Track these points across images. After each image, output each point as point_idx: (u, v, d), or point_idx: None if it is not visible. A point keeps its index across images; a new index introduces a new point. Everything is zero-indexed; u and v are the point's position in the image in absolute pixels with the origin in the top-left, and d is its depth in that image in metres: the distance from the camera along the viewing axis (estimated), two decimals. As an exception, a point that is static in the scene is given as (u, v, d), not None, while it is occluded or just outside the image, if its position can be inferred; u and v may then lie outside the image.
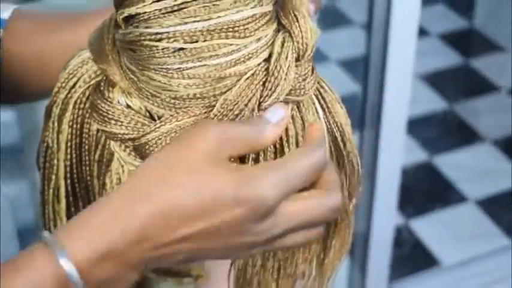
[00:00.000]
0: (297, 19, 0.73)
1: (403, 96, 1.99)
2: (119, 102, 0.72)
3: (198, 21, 0.67)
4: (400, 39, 1.89)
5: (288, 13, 0.73)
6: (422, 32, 3.00)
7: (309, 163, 0.67)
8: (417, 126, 3.12)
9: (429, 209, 2.87)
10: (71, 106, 0.74)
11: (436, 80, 3.46)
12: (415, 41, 1.92)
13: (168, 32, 0.67)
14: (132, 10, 0.68)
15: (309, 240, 0.70)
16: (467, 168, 3.03)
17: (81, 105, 0.74)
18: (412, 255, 2.68)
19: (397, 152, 2.09)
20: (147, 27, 0.68)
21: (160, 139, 0.70)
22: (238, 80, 0.69)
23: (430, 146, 3.13)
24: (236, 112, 0.69)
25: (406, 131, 2.10)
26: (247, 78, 0.69)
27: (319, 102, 0.76)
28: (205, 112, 0.69)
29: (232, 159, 0.68)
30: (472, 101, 3.38)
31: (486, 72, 3.53)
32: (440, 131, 3.24)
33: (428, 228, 2.79)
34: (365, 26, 3.60)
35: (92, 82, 0.74)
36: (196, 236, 0.65)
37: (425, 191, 2.95)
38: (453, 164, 3.05)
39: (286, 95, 0.71)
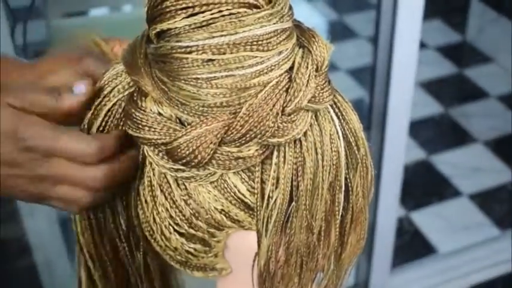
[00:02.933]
0: (313, 36, 0.70)
1: (405, 101, 1.96)
2: (151, 110, 0.68)
3: (225, 35, 0.64)
4: (403, 50, 1.87)
5: (305, 31, 0.71)
6: (421, 45, 2.98)
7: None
8: (416, 128, 3.08)
9: (427, 202, 2.84)
10: (103, 113, 0.73)
11: (433, 87, 3.43)
12: (416, 52, 1.89)
13: (197, 45, 0.64)
14: (164, 26, 0.65)
15: (76, 198, 0.73)
16: (461, 165, 3.01)
17: (114, 114, 0.73)
18: (411, 244, 2.65)
19: (400, 151, 2.06)
20: (177, 41, 0.64)
21: (191, 142, 0.66)
22: (262, 89, 0.66)
23: (427, 145, 3.11)
24: (261, 115, 0.66)
25: (407, 132, 2.07)
26: (272, 85, 0.66)
27: (334, 110, 0.73)
28: (232, 117, 0.66)
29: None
30: (465, 106, 3.35)
31: (477, 80, 3.50)
32: (437, 133, 3.21)
33: (426, 220, 2.77)
34: (370, 39, 3.60)
35: (125, 93, 0.72)
36: None
37: (423, 186, 2.92)
38: (448, 162, 3.03)
39: (307, 102, 0.68)
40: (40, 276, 1.93)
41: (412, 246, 2.63)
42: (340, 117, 0.73)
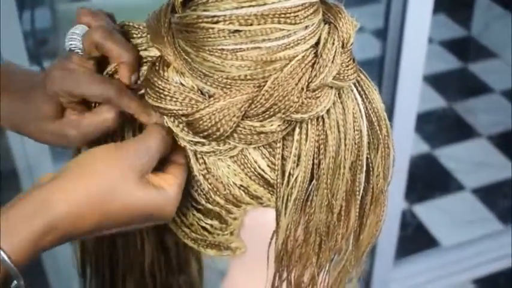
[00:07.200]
0: (340, 12, 0.69)
1: (413, 95, 1.95)
2: (173, 80, 0.67)
3: (254, 5, 0.62)
4: (412, 45, 1.85)
5: (331, 7, 0.70)
6: (427, 39, 3.00)
7: None
8: (420, 122, 3.05)
9: (430, 196, 2.83)
10: None
11: (437, 82, 3.41)
12: (425, 47, 1.88)
13: (224, 15, 0.62)
14: None
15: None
16: (465, 160, 2.99)
17: None
18: (414, 237, 2.64)
19: (406, 145, 2.04)
20: (204, 10, 0.63)
21: (214, 114, 0.65)
22: (288, 63, 0.64)
23: (431, 139, 3.09)
24: (286, 89, 0.64)
25: (411, 126, 2.06)
26: (298, 60, 0.64)
27: (357, 89, 0.72)
28: (256, 90, 0.64)
29: None
30: (469, 100, 3.34)
31: (482, 75, 3.49)
32: (441, 127, 3.19)
33: (429, 213, 2.75)
34: (374, 33, 3.59)
35: None
36: None
37: (427, 179, 2.90)
38: (452, 156, 3.01)
39: (332, 79, 0.66)
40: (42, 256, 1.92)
41: (414, 239, 2.62)
42: (363, 96, 0.72)
